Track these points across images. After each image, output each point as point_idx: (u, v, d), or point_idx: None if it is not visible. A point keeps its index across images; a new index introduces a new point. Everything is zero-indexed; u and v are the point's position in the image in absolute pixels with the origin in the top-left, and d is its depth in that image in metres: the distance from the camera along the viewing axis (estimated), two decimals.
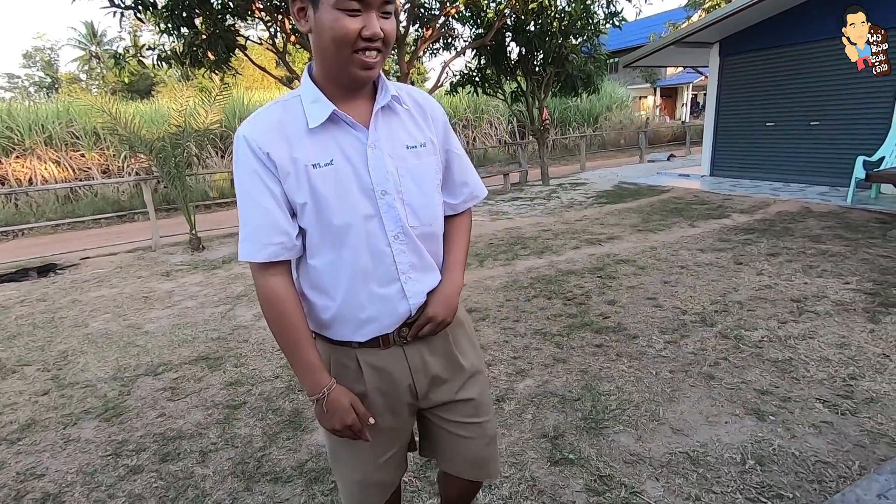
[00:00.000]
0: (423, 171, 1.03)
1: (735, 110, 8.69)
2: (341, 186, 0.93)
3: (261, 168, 0.92)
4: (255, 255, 0.94)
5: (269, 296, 0.97)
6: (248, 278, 4.84)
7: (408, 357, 1.06)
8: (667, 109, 27.72)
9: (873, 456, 1.94)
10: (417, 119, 1.05)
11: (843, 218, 5.67)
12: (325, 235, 0.95)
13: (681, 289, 3.80)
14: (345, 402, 0.99)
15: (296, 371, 1.00)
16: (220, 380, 2.82)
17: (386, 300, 1.00)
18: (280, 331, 0.98)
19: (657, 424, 2.21)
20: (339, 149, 0.94)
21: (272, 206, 0.93)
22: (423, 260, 1.04)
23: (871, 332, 2.91)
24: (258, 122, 0.94)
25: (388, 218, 0.97)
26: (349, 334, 1.02)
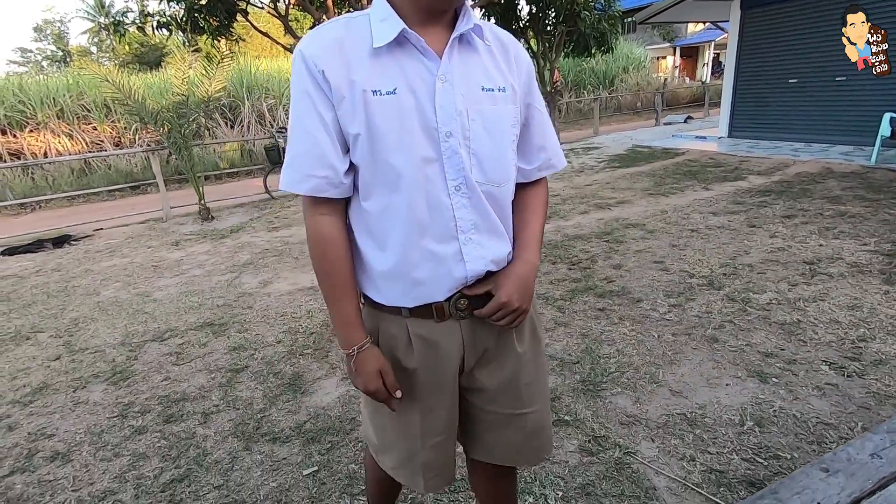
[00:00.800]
0: (498, 119, 0.90)
1: (756, 67, 8.29)
2: (402, 120, 0.82)
3: (314, 88, 0.82)
4: (296, 185, 0.85)
5: (315, 235, 0.89)
6: (254, 247, 4.88)
7: (463, 331, 0.95)
8: (686, 70, 26.65)
9: (877, 417, 1.90)
10: (499, 60, 0.92)
11: (866, 178, 5.45)
12: (378, 175, 0.84)
13: (689, 252, 3.71)
14: (373, 366, 0.90)
15: (332, 320, 0.94)
16: (224, 345, 2.87)
17: (441, 261, 0.88)
18: (323, 274, 0.90)
19: (656, 387, 2.18)
20: (405, 77, 0.82)
21: (321, 133, 0.83)
22: (487, 221, 0.91)
23: (885, 294, 2.81)
24: (317, 37, 0.84)
25: (451, 165, 0.85)
26: (399, 297, 0.91)
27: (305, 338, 2.87)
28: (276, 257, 4.49)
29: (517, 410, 1.02)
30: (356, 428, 2.05)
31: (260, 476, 1.83)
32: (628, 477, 1.71)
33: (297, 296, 3.53)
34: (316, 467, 1.85)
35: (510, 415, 1.02)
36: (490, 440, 1.06)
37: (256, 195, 7.80)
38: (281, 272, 4.07)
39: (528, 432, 1.05)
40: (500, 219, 0.94)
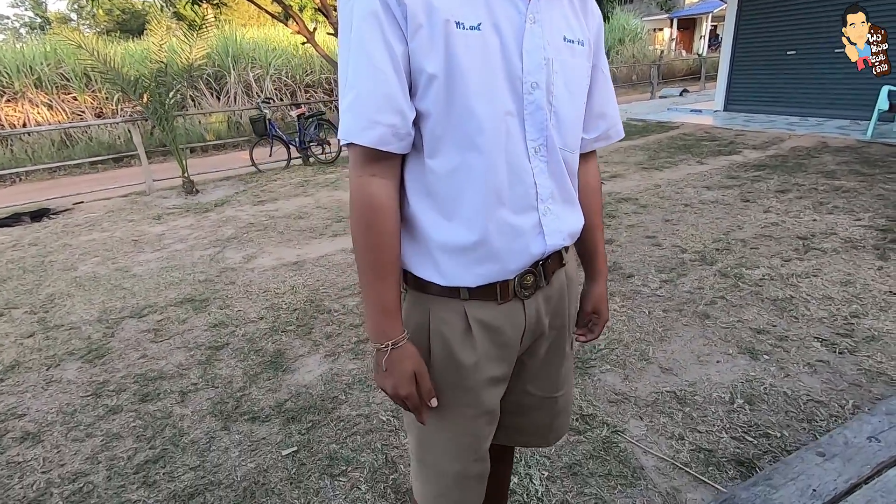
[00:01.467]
0: (577, 76, 0.80)
1: (754, 38, 8.10)
2: (485, 63, 0.68)
3: (384, 11, 0.65)
4: (361, 134, 0.68)
5: (363, 199, 0.72)
6: (238, 221, 4.75)
7: (526, 313, 0.83)
8: (683, 42, 26.18)
9: (869, 395, 1.86)
10: (577, 9, 0.81)
11: (861, 153, 5.38)
12: (453, 127, 0.70)
13: (682, 227, 3.65)
14: (407, 367, 0.77)
15: (366, 305, 0.77)
16: (205, 321, 2.78)
17: (519, 234, 0.76)
18: (366, 247, 0.74)
19: (645, 364, 2.14)
20: (489, 11, 0.68)
21: (389, 70, 0.66)
22: (564, 189, 0.81)
23: (878, 270, 2.77)
24: None
25: (532, 122, 0.73)
26: (462, 275, 0.77)
27: (288, 314, 2.79)
28: (261, 231, 4.37)
29: (551, 394, 0.97)
30: (338, 407, 2.00)
31: (238, 457, 1.78)
32: (615, 456, 1.67)
33: (281, 271, 3.43)
34: (295, 447, 1.79)
35: (543, 398, 0.96)
36: (518, 423, 0.99)
37: (243, 168, 7.59)
38: (265, 247, 3.96)
39: (555, 413, 1.00)
40: (574, 184, 0.85)
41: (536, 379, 0.94)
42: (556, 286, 0.88)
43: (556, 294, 0.88)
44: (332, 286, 3.13)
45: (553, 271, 0.85)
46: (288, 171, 7.14)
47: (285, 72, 12.90)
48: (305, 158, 7.51)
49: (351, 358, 2.33)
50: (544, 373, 0.94)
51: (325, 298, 2.96)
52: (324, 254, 3.70)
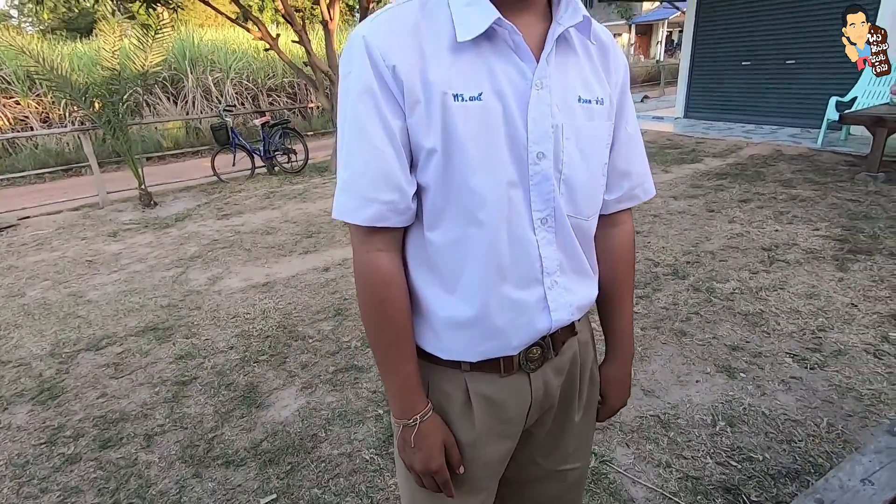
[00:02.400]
0: (594, 138, 0.73)
1: (712, 49, 8.41)
2: (487, 134, 0.65)
3: (381, 88, 0.63)
4: (355, 213, 0.67)
5: (370, 275, 0.70)
6: (202, 237, 4.55)
7: (532, 386, 0.78)
8: (641, 48, 27.03)
9: (841, 412, 1.92)
10: (597, 64, 0.74)
11: (813, 161, 5.64)
12: (453, 201, 0.67)
13: (654, 239, 3.72)
14: (437, 440, 0.73)
15: (385, 383, 0.75)
16: (169, 353, 2.63)
17: (522, 309, 0.72)
18: (378, 324, 0.72)
19: None
20: (492, 79, 0.64)
21: (386, 147, 0.65)
22: (574, 259, 0.76)
23: (839, 281, 2.89)
24: (387, 22, 0.65)
25: (538, 192, 0.69)
26: (463, 350, 0.74)
27: (260, 342, 2.67)
28: (227, 249, 4.19)
29: (560, 466, 0.90)
30: (318, 446, 1.91)
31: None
32: (605, 488, 1.65)
33: (250, 293, 3.29)
34: (275, 494, 1.70)
35: (551, 470, 0.90)
36: (524, 493, 0.94)
37: (204, 177, 7.32)
38: (232, 266, 3.80)
39: (564, 488, 0.93)
40: (587, 254, 0.79)
41: (543, 449, 0.89)
42: (568, 355, 0.82)
43: (567, 364, 0.83)
44: (305, 309, 3.02)
45: (563, 342, 0.80)
46: (252, 181, 6.92)
47: (246, 75, 12.53)
48: (271, 168, 7.30)
49: (329, 390, 2.25)
50: (551, 443, 0.88)
51: (299, 323, 2.85)
52: (295, 273, 3.58)
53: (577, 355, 0.84)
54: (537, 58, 0.67)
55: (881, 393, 2.00)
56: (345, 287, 3.27)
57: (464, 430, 0.77)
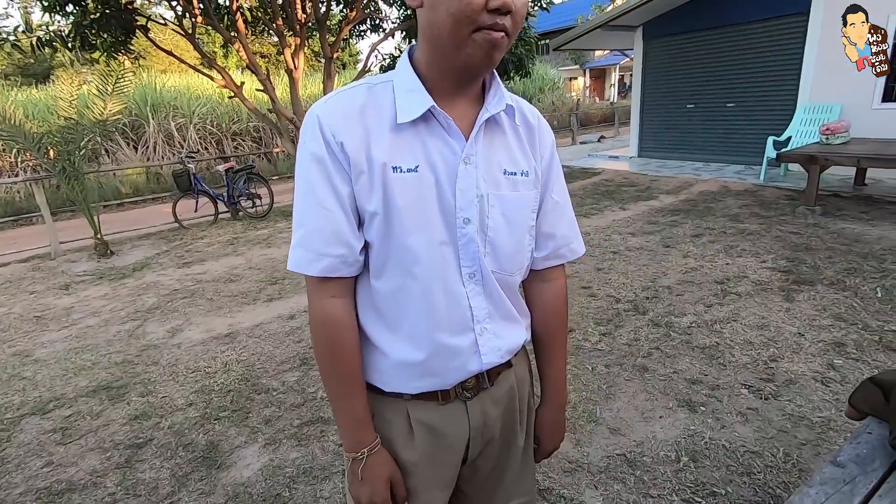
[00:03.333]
0: (518, 207, 0.84)
1: (659, 93, 8.99)
2: (421, 200, 0.76)
3: (330, 159, 0.74)
4: (308, 266, 0.77)
5: (323, 320, 0.79)
6: (161, 287, 4.41)
7: (469, 414, 0.86)
8: (596, 91, 28.55)
9: (795, 441, 2.00)
10: (524, 140, 0.86)
11: (758, 196, 6.02)
12: (392, 256, 0.77)
13: (614, 275, 3.84)
14: (383, 473, 0.82)
15: (337, 418, 0.83)
16: (123, 413, 2.50)
17: (455, 354, 0.81)
18: (330, 365, 0.80)
19: (595, 426, 2.17)
20: (426, 155, 0.76)
21: (336, 208, 0.75)
22: (502, 308, 0.85)
23: (787, 312, 3.05)
24: (338, 104, 0.76)
25: (466, 252, 0.79)
26: (403, 384, 0.83)
27: (221, 397, 2.58)
28: (188, 299, 4.08)
29: (510, 502, 0.97)
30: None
31: None
32: None
33: (212, 345, 3.19)
34: None
35: None
36: None
37: (165, 224, 7.14)
38: (193, 317, 3.69)
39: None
40: (515, 304, 0.89)
41: (490, 484, 0.94)
42: (505, 387, 0.90)
43: (504, 396, 0.90)
44: (269, 360, 2.95)
45: (498, 373, 0.89)
46: (216, 226, 6.81)
47: (210, 120, 12.51)
48: (234, 213, 7.21)
49: (294, 445, 2.18)
50: (497, 478, 0.94)
51: (263, 375, 2.77)
52: (258, 322, 3.51)
53: (514, 389, 0.92)
54: (467, 137, 0.77)
55: (830, 420, 2.09)
56: (310, 335, 3.22)
57: (407, 455, 0.85)
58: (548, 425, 0.99)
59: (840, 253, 3.91)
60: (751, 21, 7.33)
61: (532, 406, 0.99)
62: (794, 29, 6.86)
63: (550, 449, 1.00)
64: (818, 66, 6.69)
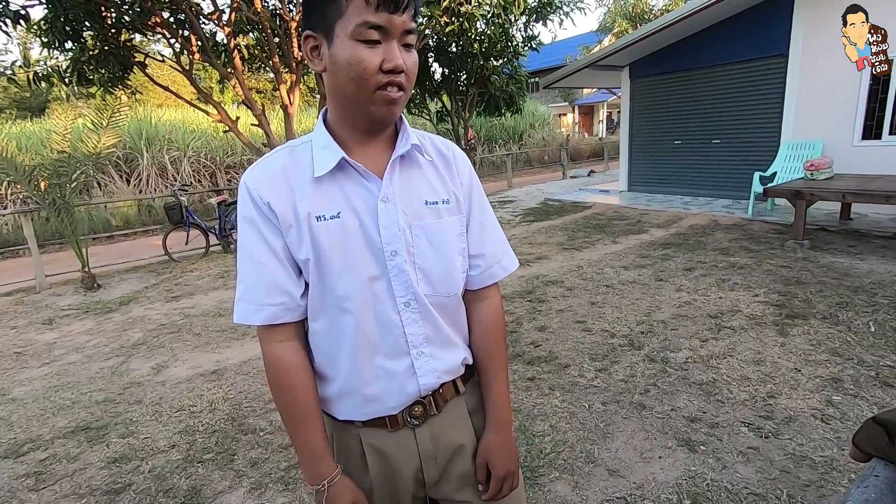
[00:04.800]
0: (442, 232, 0.90)
1: (646, 129, 9.22)
2: (347, 242, 0.83)
3: (260, 219, 0.83)
4: (251, 317, 0.84)
5: (273, 364, 0.86)
6: (148, 322, 4.32)
7: (418, 440, 0.91)
8: (585, 126, 29.27)
9: (798, 482, 1.95)
10: (441, 171, 0.93)
11: (747, 230, 6.10)
12: (326, 297, 0.84)
13: (608, 310, 3.82)
14: (346, 501, 0.86)
15: (297, 453, 0.88)
16: (102, 456, 2.39)
17: (393, 377, 0.87)
18: (283, 405, 0.86)
19: (593, 467, 2.11)
20: (347, 200, 0.84)
21: (271, 261, 0.83)
22: (439, 332, 0.91)
23: (782, 346, 3.03)
24: (262, 169, 0.85)
25: (398, 282, 0.86)
26: (351, 412, 0.90)
27: (206, 438, 2.48)
28: (175, 334, 3.99)
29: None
30: None
31: None
32: None
33: (198, 382, 3.10)
34: None
35: None
36: None
37: (154, 257, 7.08)
38: (179, 353, 3.60)
39: None
40: (452, 326, 0.94)
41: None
42: (456, 415, 0.94)
43: (458, 423, 0.94)
44: (257, 398, 2.86)
45: (446, 400, 0.93)
46: (206, 259, 6.75)
47: (205, 153, 12.61)
48: (226, 246, 7.17)
49: (280, 490, 2.08)
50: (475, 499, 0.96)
51: (250, 414, 2.68)
52: (247, 358, 3.42)
53: (466, 418, 0.96)
54: (382, 178, 0.85)
55: (833, 459, 2.04)
56: None
57: (362, 476, 0.92)
58: (495, 447, 0.95)
59: (831, 287, 3.94)
60: (733, 62, 7.61)
61: None
62: (775, 69, 7.12)
63: (503, 473, 0.94)
64: (799, 105, 6.92)
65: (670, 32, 7.71)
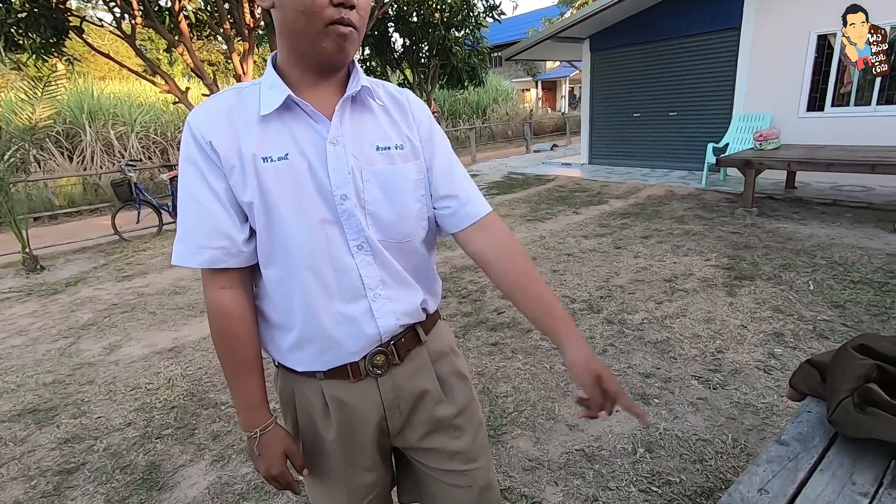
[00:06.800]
0: (396, 178, 0.87)
1: (607, 102, 9.33)
2: (296, 185, 0.80)
3: (202, 159, 0.79)
4: (190, 259, 0.81)
5: (214, 310, 0.85)
6: (98, 302, 4.13)
7: (381, 390, 0.91)
8: (548, 101, 29.38)
9: (742, 427, 2.08)
10: (395, 117, 0.90)
11: (700, 199, 6.32)
12: (277, 241, 0.82)
13: (569, 277, 3.91)
14: (277, 449, 0.88)
15: (233, 401, 0.90)
16: (52, 437, 2.30)
17: (351, 321, 0.85)
18: (223, 352, 0.86)
19: (553, 423, 2.18)
20: (295, 142, 0.80)
21: (212, 203, 0.80)
22: (395, 275, 0.89)
23: (730, 306, 3.19)
24: (204, 108, 0.82)
25: (349, 226, 0.84)
26: (311, 362, 0.88)
27: (164, 414, 2.42)
28: (128, 313, 3.83)
29: (461, 467, 0.98)
30: None
31: None
32: None
33: (154, 361, 3.00)
34: None
35: (455, 472, 0.98)
36: (441, 500, 1.01)
37: (103, 237, 6.73)
38: (133, 332, 3.47)
39: (477, 491, 1.00)
40: (410, 270, 0.92)
41: (439, 455, 0.97)
42: (418, 363, 0.94)
43: (421, 372, 0.94)
44: (217, 373, 2.80)
45: (408, 350, 0.93)
46: (160, 238, 6.47)
47: (154, 129, 11.96)
48: None
49: (244, 460, 2.06)
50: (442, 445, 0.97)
51: (210, 389, 2.63)
52: (206, 335, 3.33)
53: (427, 365, 0.96)
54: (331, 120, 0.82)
55: (774, 405, 2.19)
56: None
57: (326, 428, 0.91)
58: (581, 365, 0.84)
59: (776, 250, 4.15)
60: (689, 35, 7.75)
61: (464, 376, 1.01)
62: (728, 43, 7.31)
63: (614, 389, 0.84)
64: (750, 78, 7.14)
65: (629, 4, 7.77)
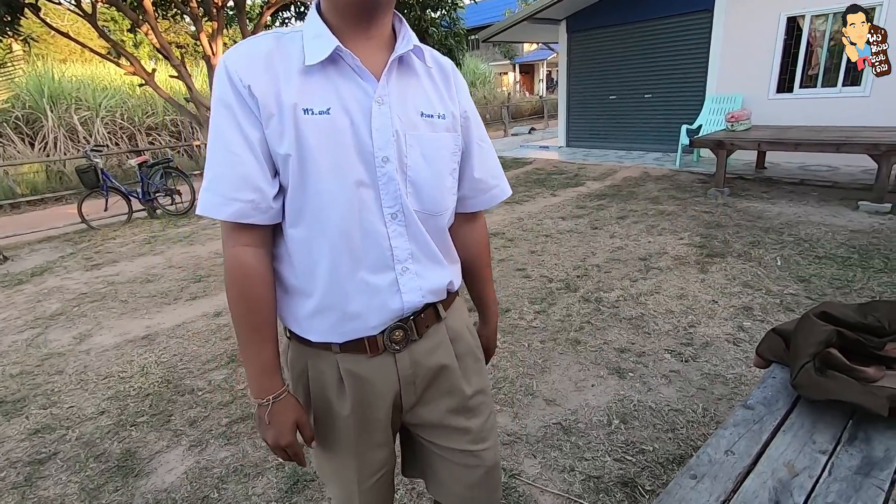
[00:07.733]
0: (437, 147, 0.85)
1: (583, 84, 9.36)
2: (336, 142, 0.75)
3: (238, 104, 0.73)
4: (216, 210, 0.75)
5: (235, 268, 0.79)
6: (66, 292, 4.00)
7: (398, 366, 0.88)
8: (526, 85, 29.32)
9: (712, 397, 2.15)
10: (439, 85, 0.87)
11: (674, 180, 6.43)
12: (308, 200, 0.76)
13: (546, 257, 3.95)
14: (288, 418, 0.84)
15: (245, 366, 0.84)
16: (21, 428, 2.24)
17: (376, 292, 0.82)
18: (241, 313, 0.81)
19: (531, 398, 2.22)
20: (339, 97, 0.75)
21: (245, 153, 0.74)
22: (426, 249, 0.86)
23: (702, 282, 3.27)
24: (244, 49, 0.75)
25: (386, 191, 0.79)
26: (328, 332, 0.84)
27: (139, 402, 2.38)
28: (98, 302, 3.73)
29: (470, 447, 0.97)
30: None
31: None
32: (515, 501, 1.67)
33: (127, 349, 2.94)
34: None
35: (464, 452, 0.97)
36: (446, 478, 1.00)
37: (69, 226, 6.51)
38: (104, 321, 3.38)
39: (484, 471, 0.99)
40: (439, 246, 0.89)
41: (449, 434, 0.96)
42: (436, 340, 0.92)
43: (439, 349, 0.92)
44: (193, 359, 2.75)
45: (427, 325, 0.90)
46: (130, 226, 6.29)
47: (120, 113, 11.53)
48: (152, 211, 6.69)
49: (222, 444, 2.04)
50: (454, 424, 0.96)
51: (186, 376, 2.59)
52: (181, 322, 3.27)
53: (446, 343, 0.93)
54: (379, 79, 0.78)
55: (742, 376, 2.27)
56: None
57: (340, 402, 0.88)
58: (491, 336, 1.15)
59: (746, 228, 4.26)
60: (662, 16, 7.80)
61: (479, 358, 1.03)
62: (701, 24, 7.38)
63: (492, 353, 1.17)
64: (723, 60, 7.24)
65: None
